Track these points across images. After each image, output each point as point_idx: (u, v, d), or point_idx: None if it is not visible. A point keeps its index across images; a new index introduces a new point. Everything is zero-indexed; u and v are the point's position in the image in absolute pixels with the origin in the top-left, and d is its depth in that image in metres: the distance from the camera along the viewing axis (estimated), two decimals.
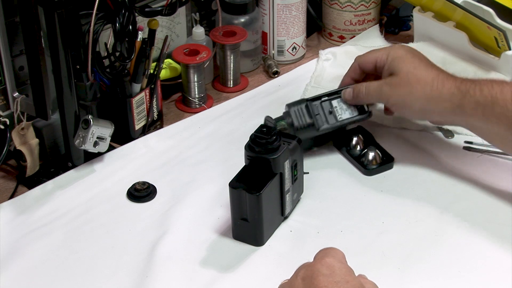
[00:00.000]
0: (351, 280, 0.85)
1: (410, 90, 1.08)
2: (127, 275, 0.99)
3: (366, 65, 1.16)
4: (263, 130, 1.01)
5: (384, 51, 1.14)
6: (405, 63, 1.10)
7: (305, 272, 0.86)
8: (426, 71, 1.09)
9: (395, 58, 1.11)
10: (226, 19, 1.37)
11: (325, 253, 0.88)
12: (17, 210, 1.10)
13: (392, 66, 1.11)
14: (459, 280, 0.97)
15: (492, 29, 1.26)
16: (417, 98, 1.08)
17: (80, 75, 1.11)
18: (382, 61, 1.13)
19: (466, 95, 1.04)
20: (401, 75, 1.09)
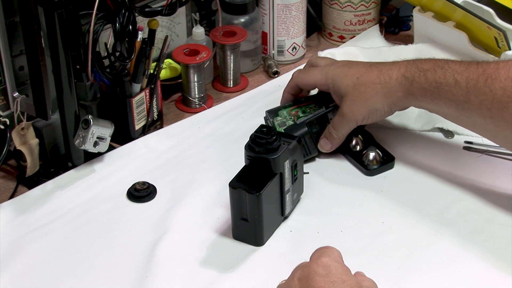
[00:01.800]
0: (347, 279, 0.85)
1: (367, 99, 1.10)
2: (127, 275, 0.99)
3: (306, 87, 1.20)
4: (263, 130, 1.01)
5: (321, 73, 1.16)
6: (346, 78, 1.12)
7: (301, 273, 0.86)
8: (367, 72, 1.11)
9: (335, 80, 1.13)
10: (226, 19, 1.37)
11: (321, 252, 0.88)
12: (17, 210, 1.10)
13: (337, 89, 1.13)
14: (459, 280, 0.97)
15: (492, 29, 1.26)
16: (376, 101, 1.10)
17: (80, 75, 1.11)
18: (324, 86, 1.15)
19: (413, 82, 1.07)
20: (351, 92, 1.11)
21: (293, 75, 1.21)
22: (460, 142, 1.20)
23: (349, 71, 1.13)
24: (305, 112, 1.18)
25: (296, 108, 1.19)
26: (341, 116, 1.12)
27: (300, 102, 1.20)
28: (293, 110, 1.19)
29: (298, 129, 1.15)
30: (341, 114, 1.12)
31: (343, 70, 1.14)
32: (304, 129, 1.15)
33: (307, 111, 1.18)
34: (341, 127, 1.13)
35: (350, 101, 1.11)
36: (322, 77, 1.15)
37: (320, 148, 1.16)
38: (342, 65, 1.16)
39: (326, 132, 1.15)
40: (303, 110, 1.19)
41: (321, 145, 1.16)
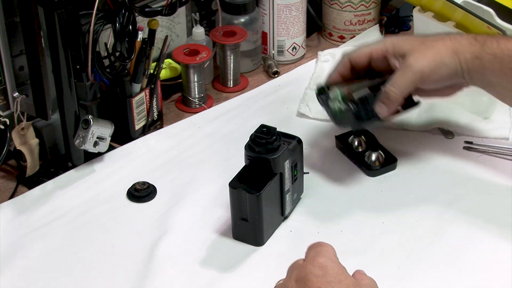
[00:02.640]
0: (343, 279, 0.84)
1: (436, 50, 1.03)
2: (127, 275, 0.99)
3: (359, 59, 1.09)
4: (263, 130, 1.01)
5: (377, 43, 1.09)
6: (409, 39, 1.06)
7: (298, 274, 0.86)
8: (434, 35, 1.05)
9: (396, 43, 1.06)
10: (226, 19, 1.37)
11: (316, 252, 0.88)
12: (17, 210, 1.10)
13: (399, 49, 1.05)
14: (459, 280, 0.97)
15: (492, 29, 1.26)
16: (446, 54, 1.03)
17: (80, 75, 1.11)
18: (382, 51, 1.07)
19: (484, 45, 1.02)
20: (418, 46, 1.04)
21: (342, 55, 1.11)
22: (460, 142, 1.20)
23: (410, 36, 1.06)
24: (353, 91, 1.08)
25: (347, 85, 1.08)
26: (405, 68, 1.03)
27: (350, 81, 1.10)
28: (345, 86, 1.08)
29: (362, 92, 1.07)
30: (405, 66, 1.03)
31: (402, 36, 1.06)
32: (367, 91, 1.07)
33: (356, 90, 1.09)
34: (403, 82, 1.04)
35: (417, 53, 1.03)
36: (380, 44, 1.08)
37: (380, 114, 1.07)
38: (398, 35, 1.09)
39: (382, 94, 1.05)
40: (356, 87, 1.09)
41: (378, 111, 1.06)
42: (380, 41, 1.09)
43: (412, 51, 1.04)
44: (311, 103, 1.29)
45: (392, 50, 1.06)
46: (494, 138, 1.21)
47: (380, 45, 1.08)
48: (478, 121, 1.24)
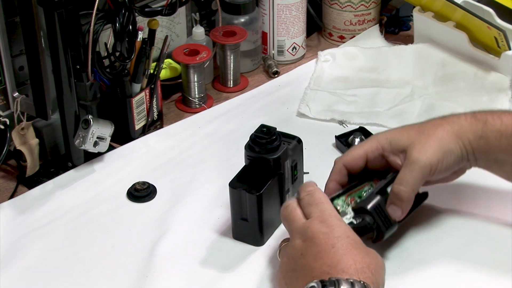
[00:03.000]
0: (351, 235, 0.89)
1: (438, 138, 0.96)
2: (127, 275, 0.99)
3: (354, 164, 1.01)
4: (263, 130, 1.01)
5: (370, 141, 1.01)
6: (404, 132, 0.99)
7: (305, 234, 0.90)
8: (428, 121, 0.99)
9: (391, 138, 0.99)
10: (226, 19, 1.37)
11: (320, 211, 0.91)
12: (17, 210, 1.10)
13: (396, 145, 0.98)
14: (459, 280, 0.97)
15: (492, 29, 1.26)
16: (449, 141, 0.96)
17: (80, 75, 1.11)
18: (377, 150, 1.00)
19: (486, 123, 0.97)
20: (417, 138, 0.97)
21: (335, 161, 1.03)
22: None
23: (403, 128, 1.00)
24: (361, 197, 1.00)
25: (350, 195, 1.00)
26: (411, 165, 0.95)
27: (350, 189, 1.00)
28: (349, 197, 0.99)
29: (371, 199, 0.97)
30: (410, 162, 0.96)
31: (395, 129, 1.00)
32: (378, 197, 0.97)
33: (363, 195, 1.00)
34: (412, 179, 0.96)
35: (419, 145, 0.96)
36: (373, 143, 1.00)
37: (392, 215, 0.98)
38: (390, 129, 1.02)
39: (391, 196, 0.97)
40: (359, 195, 1.00)
41: (391, 214, 0.97)
42: (372, 139, 1.01)
43: (412, 144, 0.97)
44: (311, 103, 1.29)
45: (389, 147, 0.99)
46: None
47: (375, 144, 1.00)
48: None
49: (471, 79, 1.31)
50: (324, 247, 0.87)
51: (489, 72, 1.30)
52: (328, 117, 1.26)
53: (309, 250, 0.88)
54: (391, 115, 1.27)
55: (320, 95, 1.31)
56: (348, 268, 0.85)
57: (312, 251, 0.88)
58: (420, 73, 1.35)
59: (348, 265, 0.85)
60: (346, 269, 0.85)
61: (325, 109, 1.28)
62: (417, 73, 1.35)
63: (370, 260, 0.88)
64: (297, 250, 0.90)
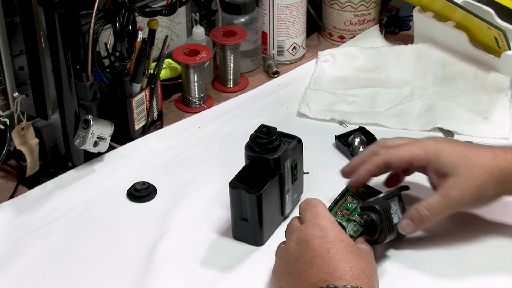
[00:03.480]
0: (344, 238, 0.90)
1: (480, 184, 0.95)
2: (127, 275, 0.99)
3: (398, 164, 0.99)
4: (263, 130, 1.01)
5: (419, 147, 0.98)
6: (454, 155, 0.96)
7: (299, 236, 0.90)
8: (480, 152, 0.96)
9: (440, 154, 0.96)
10: (226, 19, 1.37)
11: (314, 214, 0.92)
12: (17, 210, 1.10)
13: (442, 165, 0.96)
14: (459, 280, 0.97)
15: (492, 29, 1.26)
16: (490, 188, 0.96)
17: (80, 75, 1.11)
18: (423, 161, 0.97)
19: None
20: (463, 172, 0.95)
21: (376, 151, 1.00)
22: None
23: (455, 147, 0.97)
24: (349, 209, 1.01)
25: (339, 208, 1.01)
26: (445, 198, 0.95)
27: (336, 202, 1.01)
28: (339, 209, 1.01)
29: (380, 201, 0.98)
30: (446, 195, 0.95)
31: (448, 145, 0.97)
32: (386, 201, 0.98)
33: (349, 206, 1.01)
34: (440, 210, 0.96)
35: (461, 182, 0.94)
36: (421, 151, 0.97)
37: (401, 229, 0.98)
38: (443, 140, 1.00)
39: (414, 213, 0.96)
40: (346, 207, 1.01)
41: (403, 227, 0.97)
42: (421, 146, 0.98)
43: (456, 175, 0.95)
44: (311, 103, 1.29)
45: (435, 165, 0.97)
46: (494, 138, 1.21)
47: (423, 154, 0.97)
48: (478, 121, 1.24)
49: (471, 79, 1.31)
50: (320, 252, 0.88)
51: (489, 72, 1.30)
52: (328, 117, 1.26)
53: (304, 254, 0.88)
54: (391, 115, 1.27)
55: (320, 95, 1.31)
56: (345, 274, 0.85)
57: (307, 256, 0.88)
58: (420, 73, 1.35)
59: (345, 271, 0.86)
60: (344, 276, 0.85)
61: (325, 109, 1.28)
62: (417, 73, 1.35)
63: (365, 265, 0.88)
64: (292, 254, 0.90)
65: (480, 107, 1.26)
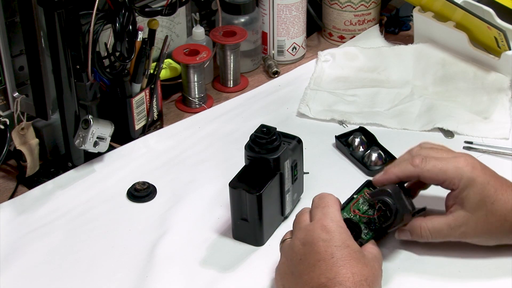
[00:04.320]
0: (350, 244, 0.89)
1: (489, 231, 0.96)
2: (127, 275, 0.99)
3: (429, 180, 0.98)
4: (263, 130, 1.01)
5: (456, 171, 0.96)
6: (482, 193, 0.95)
7: (305, 237, 0.90)
8: (505, 202, 0.95)
9: (470, 187, 0.95)
10: (226, 19, 1.37)
11: (323, 213, 0.92)
12: (17, 210, 1.10)
13: (465, 197, 0.96)
14: (459, 279, 0.97)
15: (492, 29, 1.26)
16: (496, 236, 0.97)
17: (80, 75, 1.11)
18: (453, 185, 0.96)
19: None
20: (478, 214, 0.95)
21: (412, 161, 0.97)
22: (460, 142, 1.20)
23: (487, 185, 0.95)
24: (360, 209, 0.99)
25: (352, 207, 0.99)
26: (451, 230, 0.97)
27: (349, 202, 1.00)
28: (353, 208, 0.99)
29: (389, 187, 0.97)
30: (454, 227, 0.96)
31: (482, 178, 0.95)
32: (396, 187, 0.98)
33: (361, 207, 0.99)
34: (441, 236, 0.97)
35: (473, 223, 0.96)
36: (457, 176, 0.95)
37: (397, 236, 0.99)
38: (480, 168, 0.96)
39: (416, 229, 0.98)
40: (357, 208, 1.00)
41: (400, 235, 0.99)
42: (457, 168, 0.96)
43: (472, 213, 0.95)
44: (311, 103, 1.29)
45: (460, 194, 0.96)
46: (494, 138, 1.21)
47: (456, 180, 0.96)
48: (478, 121, 1.24)
49: (471, 79, 1.31)
50: (324, 256, 0.87)
51: (489, 72, 1.30)
52: (328, 117, 1.26)
53: (308, 256, 0.88)
54: (391, 115, 1.27)
55: (320, 95, 1.31)
56: (346, 281, 0.85)
57: (311, 258, 0.88)
58: (420, 73, 1.35)
59: (346, 277, 0.85)
60: (344, 282, 0.85)
61: (325, 109, 1.28)
62: (417, 73, 1.35)
63: (368, 272, 0.88)
64: (296, 254, 0.90)
65: (480, 107, 1.26)
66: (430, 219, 0.98)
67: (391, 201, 0.96)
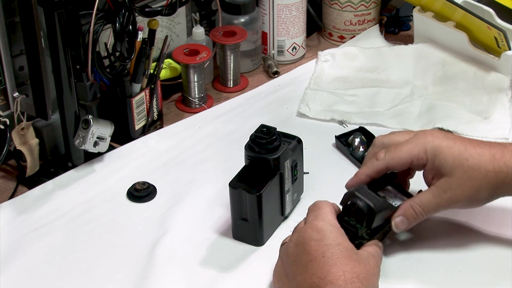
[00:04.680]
0: (342, 242, 0.89)
1: (475, 187, 0.95)
2: (127, 275, 0.99)
3: (398, 167, 0.98)
4: (263, 130, 1.01)
5: (417, 146, 0.96)
6: (451, 155, 0.95)
7: (298, 238, 0.90)
8: (478, 154, 0.94)
9: (438, 154, 0.95)
10: (226, 19, 1.37)
11: (315, 215, 0.92)
12: (17, 210, 1.10)
13: (439, 166, 0.95)
14: (459, 279, 0.97)
15: (492, 29, 1.26)
16: (484, 191, 0.95)
17: (80, 75, 1.11)
18: (422, 160, 0.96)
19: None
20: (459, 175, 0.94)
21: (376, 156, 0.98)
22: None
23: (454, 146, 0.95)
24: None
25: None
26: (438, 197, 0.96)
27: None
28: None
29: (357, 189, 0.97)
30: (439, 195, 0.95)
31: (446, 142, 0.96)
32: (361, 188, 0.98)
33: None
34: (432, 209, 0.96)
35: (455, 184, 0.94)
36: (421, 150, 0.96)
37: (395, 227, 0.97)
38: (442, 136, 0.97)
39: (407, 209, 0.97)
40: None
41: (397, 224, 0.97)
42: (419, 143, 0.96)
43: (451, 176, 0.95)
44: (311, 103, 1.29)
45: (431, 164, 0.96)
46: (494, 138, 1.21)
47: (422, 153, 0.96)
48: (478, 121, 1.24)
49: (471, 79, 1.31)
50: (315, 256, 0.88)
51: (489, 72, 1.30)
52: (328, 117, 1.26)
53: (300, 257, 0.89)
54: (391, 115, 1.27)
55: (320, 95, 1.31)
56: (337, 279, 0.85)
57: (303, 259, 0.88)
58: (420, 73, 1.35)
59: (337, 276, 0.85)
60: (335, 281, 0.85)
61: (325, 109, 1.28)
62: (417, 73, 1.35)
63: (361, 270, 0.87)
64: (290, 256, 0.90)
65: (480, 107, 1.26)
66: (417, 196, 0.97)
67: (358, 201, 0.95)
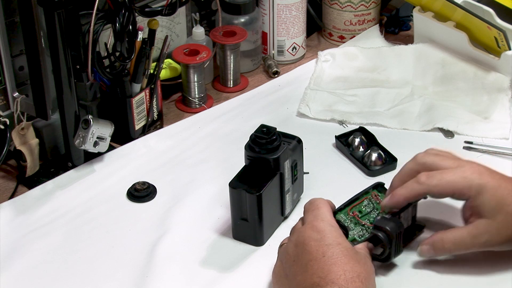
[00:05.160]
0: (342, 242, 0.89)
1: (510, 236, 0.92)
2: (127, 275, 0.99)
3: (438, 196, 0.96)
4: (263, 130, 1.01)
5: (463, 180, 0.93)
6: (495, 197, 0.92)
7: (297, 238, 0.90)
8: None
9: (482, 193, 0.92)
10: (226, 19, 1.37)
11: (314, 216, 0.92)
12: (17, 210, 1.10)
13: (479, 205, 0.93)
14: (459, 279, 0.97)
15: (492, 29, 1.26)
16: None
17: (80, 75, 1.11)
18: (464, 196, 0.94)
19: None
20: (498, 219, 0.92)
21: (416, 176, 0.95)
22: (460, 142, 1.20)
23: (499, 188, 0.92)
24: (361, 211, 1.01)
25: (352, 209, 1.01)
26: (474, 239, 0.93)
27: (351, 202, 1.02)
28: (351, 210, 1.01)
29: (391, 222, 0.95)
30: (475, 236, 0.93)
31: (492, 183, 0.92)
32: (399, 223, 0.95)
33: (363, 209, 1.01)
34: (464, 248, 0.95)
35: (495, 229, 0.92)
36: (465, 186, 0.93)
37: (420, 253, 0.97)
38: (488, 174, 0.94)
39: (438, 243, 0.95)
40: (359, 210, 1.01)
41: (423, 251, 0.96)
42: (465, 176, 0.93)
43: (492, 219, 0.92)
44: (311, 103, 1.29)
45: (474, 203, 0.93)
46: (494, 138, 1.21)
47: (466, 189, 0.93)
48: (478, 121, 1.24)
49: (471, 79, 1.31)
50: (315, 256, 0.88)
51: (489, 72, 1.30)
52: (328, 117, 1.26)
53: (300, 257, 0.89)
54: (391, 115, 1.27)
55: (320, 95, 1.31)
56: (337, 279, 0.85)
57: (303, 259, 0.88)
58: (420, 73, 1.35)
59: (338, 275, 0.86)
60: (336, 280, 0.85)
61: (325, 109, 1.28)
62: (417, 73, 1.35)
63: (361, 269, 0.88)
64: (290, 256, 0.90)
65: (480, 107, 1.26)
66: (451, 231, 0.95)
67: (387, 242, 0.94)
